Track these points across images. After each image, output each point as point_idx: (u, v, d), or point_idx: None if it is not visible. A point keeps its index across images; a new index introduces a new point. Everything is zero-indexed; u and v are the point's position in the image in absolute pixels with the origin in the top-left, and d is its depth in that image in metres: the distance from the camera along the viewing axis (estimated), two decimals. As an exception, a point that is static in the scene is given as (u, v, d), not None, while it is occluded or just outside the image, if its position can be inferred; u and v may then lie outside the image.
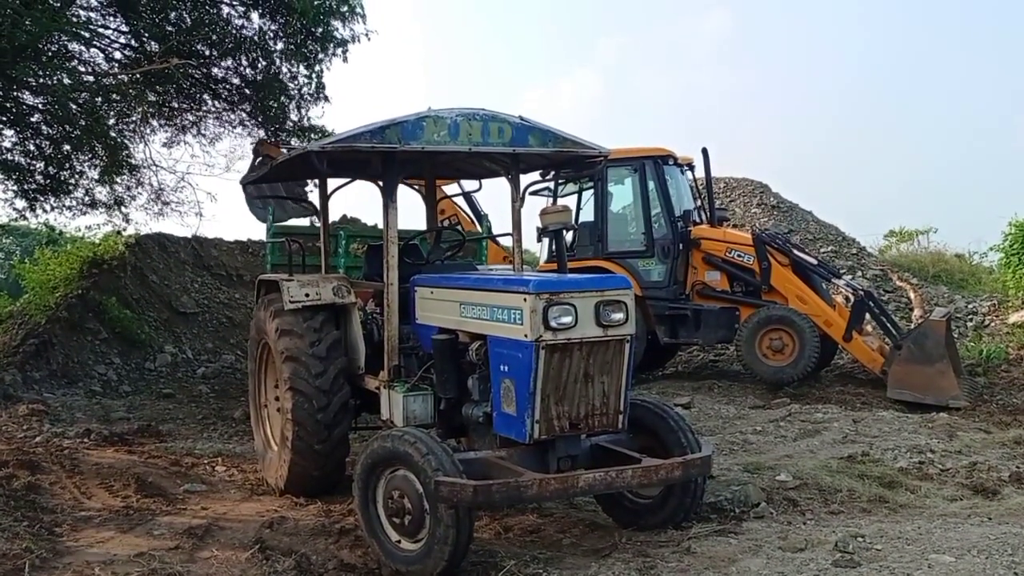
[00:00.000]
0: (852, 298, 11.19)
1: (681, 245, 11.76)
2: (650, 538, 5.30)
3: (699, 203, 12.53)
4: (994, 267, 16.51)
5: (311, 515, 6.37)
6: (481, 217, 11.04)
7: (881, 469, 6.93)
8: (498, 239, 10.91)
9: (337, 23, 12.36)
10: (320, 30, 12.25)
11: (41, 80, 10.50)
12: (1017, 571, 4.21)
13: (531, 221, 11.59)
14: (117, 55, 12.61)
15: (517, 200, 6.70)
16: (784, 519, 5.78)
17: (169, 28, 11.75)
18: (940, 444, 7.69)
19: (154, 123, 13.36)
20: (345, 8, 12.23)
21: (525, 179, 6.95)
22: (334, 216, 11.00)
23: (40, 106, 11.65)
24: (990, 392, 10.82)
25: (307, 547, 5.57)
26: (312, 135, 12.93)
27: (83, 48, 11.83)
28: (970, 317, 13.87)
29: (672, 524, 5.49)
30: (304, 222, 10.02)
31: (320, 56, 12.65)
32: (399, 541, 5.09)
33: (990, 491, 6.40)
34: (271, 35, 12.53)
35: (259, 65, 12.68)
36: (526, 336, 4.97)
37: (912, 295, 14.62)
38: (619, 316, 5.11)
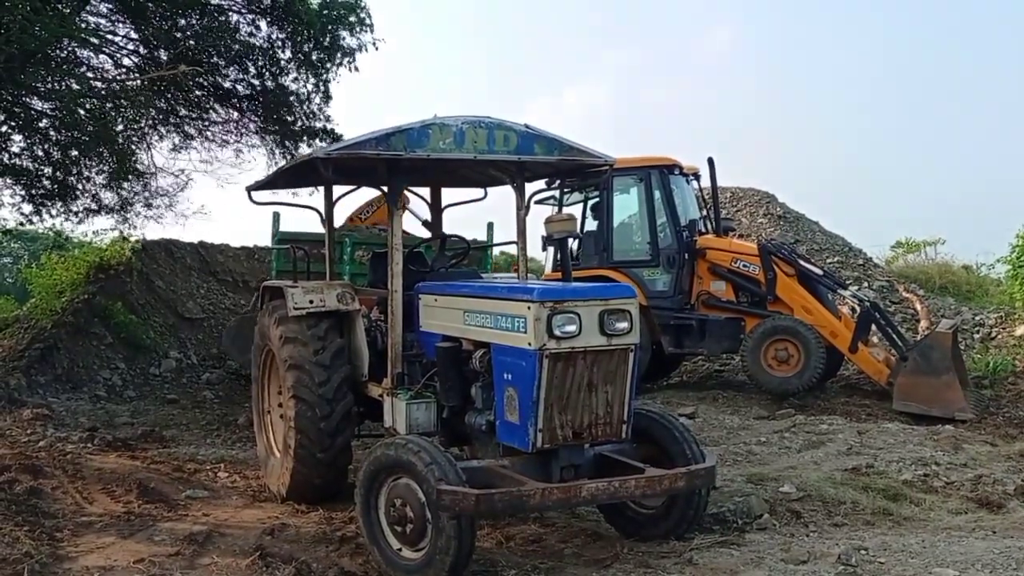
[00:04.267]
0: (858, 309, 11.14)
1: (686, 255, 11.73)
2: (652, 549, 5.28)
3: (705, 213, 12.51)
4: (1001, 279, 16.43)
5: (312, 522, 6.36)
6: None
7: (885, 481, 6.89)
8: (503, 247, 10.92)
9: (344, 32, 12.44)
10: (327, 39, 12.32)
11: (50, 86, 10.58)
12: (1022, 586, 4.18)
13: (536, 230, 11.59)
14: (126, 61, 12.70)
15: (522, 208, 6.70)
16: (787, 531, 5.75)
17: (178, 35, 11.82)
18: (945, 457, 7.65)
19: (161, 129, 13.43)
20: (353, 18, 12.29)
21: (530, 187, 6.96)
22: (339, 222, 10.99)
23: (48, 111, 11.72)
24: (996, 405, 10.77)
25: (308, 554, 5.55)
26: (322, 135, 13.03)
27: (92, 54, 11.92)
28: (977, 329, 13.79)
29: (675, 535, 5.46)
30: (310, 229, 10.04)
31: (328, 65, 12.72)
32: (400, 549, 5.07)
33: (995, 504, 6.36)
34: (279, 43, 12.60)
35: (267, 73, 12.74)
36: (530, 344, 4.96)
37: (918, 306, 14.56)
38: (623, 325, 5.10)
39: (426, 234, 8.37)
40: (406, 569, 4.96)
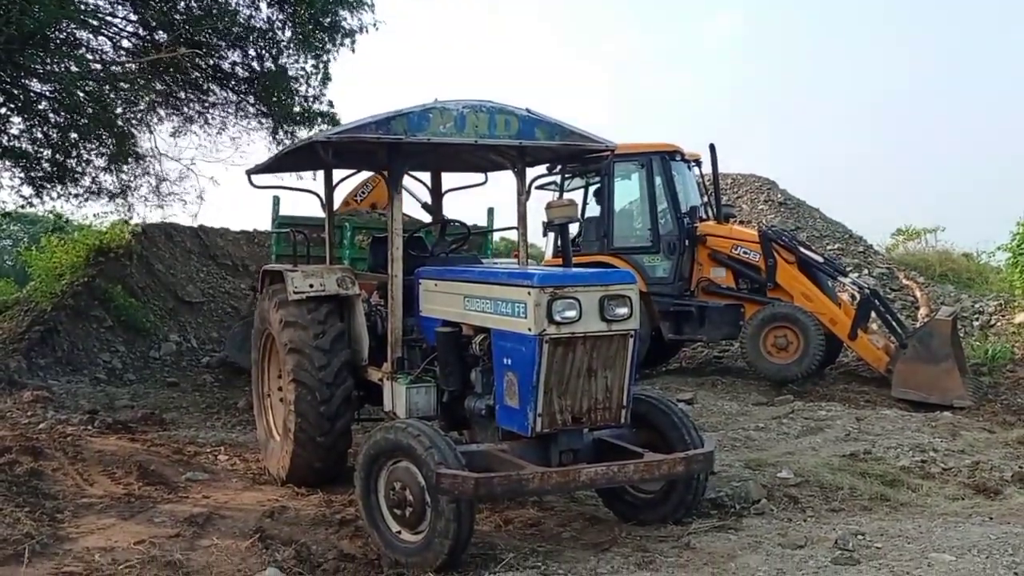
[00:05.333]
0: (858, 296, 11.15)
1: (687, 241, 11.72)
2: (650, 533, 5.30)
3: (706, 199, 12.49)
4: (1002, 267, 16.43)
5: (312, 505, 6.38)
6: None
7: (883, 467, 6.92)
8: (503, 233, 10.89)
9: (345, 13, 12.37)
10: (328, 20, 12.26)
11: (48, 68, 10.52)
12: (1017, 571, 4.20)
13: (537, 215, 11.55)
14: (125, 43, 12.64)
15: (523, 193, 6.69)
16: (784, 516, 5.78)
17: (177, 17, 11.76)
18: (943, 443, 7.68)
19: (161, 112, 13.40)
20: (352, -3, 12.23)
21: (531, 172, 6.94)
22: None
23: (47, 94, 11.67)
24: (995, 392, 10.80)
25: (307, 537, 5.58)
26: (320, 120, 13.00)
27: (91, 36, 11.85)
28: (976, 316, 13.81)
29: (673, 519, 5.48)
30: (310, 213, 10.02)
31: (328, 46, 12.66)
32: (399, 532, 5.09)
33: (992, 491, 6.39)
34: (279, 24, 12.53)
35: (266, 55, 12.69)
36: (530, 330, 4.96)
37: (918, 294, 14.57)
38: (623, 311, 5.10)
39: (427, 217, 8.36)
40: (405, 552, 4.98)
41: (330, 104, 13.21)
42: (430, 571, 4.75)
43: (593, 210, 12.30)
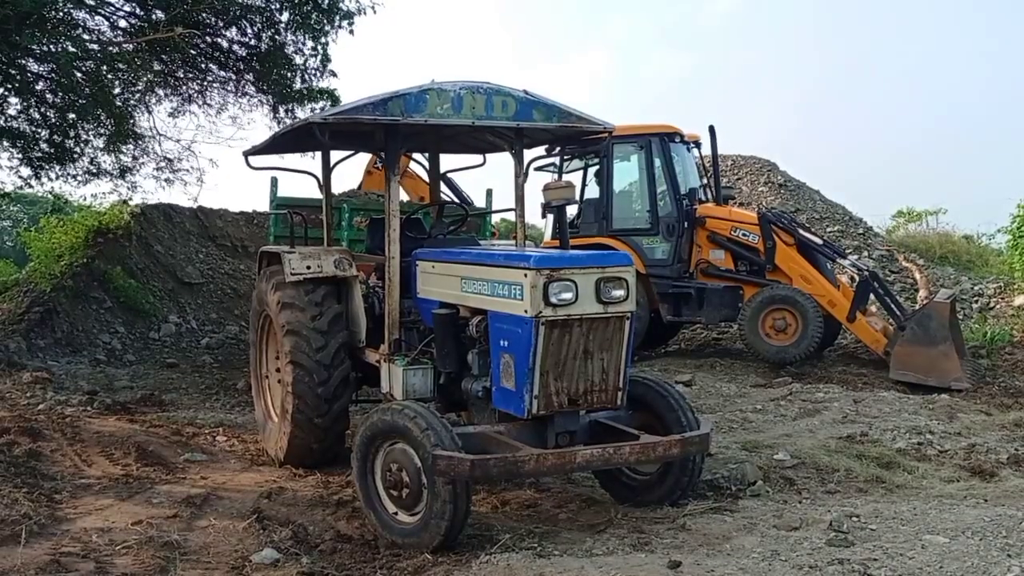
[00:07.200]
0: (857, 278, 11.15)
1: (686, 223, 11.69)
2: (646, 514, 5.32)
3: (705, 181, 12.45)
4: (1002, 249, 16.41)
5: (310, 486, 6.40)
6: (466, 201, 10.83)
7: (879, 449, 6.95)
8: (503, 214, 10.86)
9: (344, -7, 12.28)
10: (327, 1, 12.18)
11: (45, 48, 10.46)
12: (1010, 553, 4.22)
13: (536, 197, 11.51)
14: (122, 23, 12.55)
15: (520, 175, 6.67)
16: (780, 498, 5.80)
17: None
18: (940, 425, 7.70)
19: (159, 92, 13.34)
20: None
21: (529, 154, 6.91)
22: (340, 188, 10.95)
23: (45, 74, 11.61)
24: (993, 374, 10.80)
25: (304, 517, 5.61)
26: (322, 98, 12.94)
27: (88, 16, 11.77)
28: (976, 299, 13.82)
29: (669, 501, 5.51)
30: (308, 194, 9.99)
31: (326, 28, 12.58)
32: (396, 513, 5.12)
33: (987, 473, 6.41)
34: (277, 6, 12.45)
35: (264, 35, 12.61)
36: (526, 312, 4.96)
37: (918, 276, 14.56)
38: (620, 293, 5.10)
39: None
40: (402, 533, 5.00)
41: (332, 74, 13.12)
42: (426, 552, 4.77)
43: (592, 192, 12.27)
